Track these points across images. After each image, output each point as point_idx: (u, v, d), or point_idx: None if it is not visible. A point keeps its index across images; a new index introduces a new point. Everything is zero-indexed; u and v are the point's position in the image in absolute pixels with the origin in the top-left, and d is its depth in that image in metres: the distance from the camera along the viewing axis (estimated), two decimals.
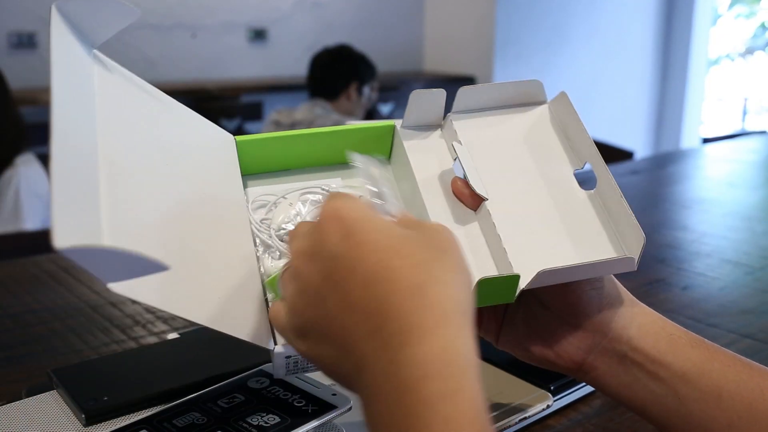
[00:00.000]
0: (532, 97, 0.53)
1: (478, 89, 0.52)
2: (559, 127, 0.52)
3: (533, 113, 0.53)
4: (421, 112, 0.52)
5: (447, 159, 0.51)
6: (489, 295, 0.44)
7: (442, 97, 0.51)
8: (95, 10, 0.41)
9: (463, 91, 0.52)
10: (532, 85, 0.53)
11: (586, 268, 0.44)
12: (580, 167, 0.50)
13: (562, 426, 0.56)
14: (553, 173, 0.50)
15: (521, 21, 3.72)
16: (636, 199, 1.36)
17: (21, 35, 3.00)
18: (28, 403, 0.51)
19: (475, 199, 0.49)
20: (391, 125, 0.52)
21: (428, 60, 4.06)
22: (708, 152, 1.94)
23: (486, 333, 0.50)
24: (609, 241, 0.47)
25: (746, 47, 5.38)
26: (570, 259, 0.45)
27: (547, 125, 0.53)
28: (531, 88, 0.53)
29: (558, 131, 0.52)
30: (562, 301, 0.46)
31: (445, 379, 0.31)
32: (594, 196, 0.49)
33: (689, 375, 0.43)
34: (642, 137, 4.47)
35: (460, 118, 0.52)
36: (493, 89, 0.52)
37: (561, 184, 0.50)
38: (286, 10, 3.62)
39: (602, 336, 0.46)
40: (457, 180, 0.50)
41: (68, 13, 0.40)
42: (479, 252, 0.47)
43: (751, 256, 0.99)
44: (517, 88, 0.53)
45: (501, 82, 0.52)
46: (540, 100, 0.54)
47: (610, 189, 0.48)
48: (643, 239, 0.45)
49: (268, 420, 0.44)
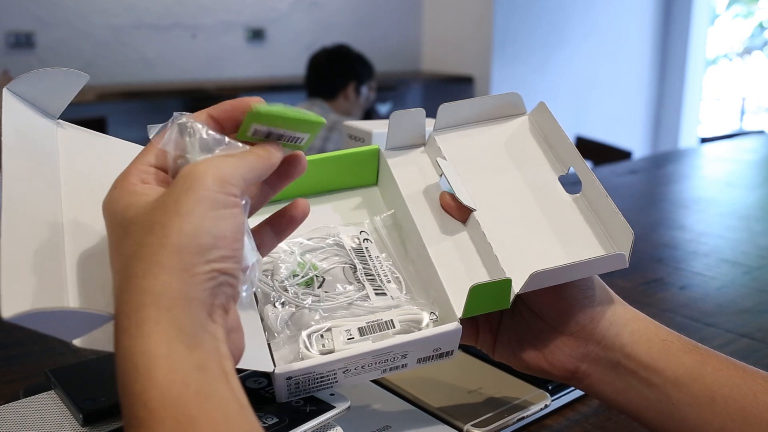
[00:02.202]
0: (512, 109, 0.54)
1: (458, 105, 0.53)
2: (540, 135, 0.53)
3: (513, 124, 0.54)
4: (404, 132, 0.53)
5: (433, 175, 0.52)
6: (484, 302, 0.44)
7: (422, 116, 0.52)
8: (46, 84, 0.42)
9: (443, 108, 0.53)
10: (511, 98, 0.54)
11: (579, 267, 0.44)
12: (564, 173, 0.51)
13: (559, 425, 0.56)
14: (537, 180, 0.51)
15: (519, 21, 3.72)
16: (634, 198, 1.36)
17: (19, 35, 2.99)
18: (26, 404, 0.51)
19: (463, 211, 0.49)
20: (375, 149, 0.53)
21: (426, 60, 4.06)
22: (706, 152, 1.94)
23: (482, 345, 0.50)
24: (598, 241, 0.47)
25: (744, 47, 5.38)
26: (561, 261, 0.45)
27: (527, 135, 0.54)
28: (510, 100, 0.54)
29: (539, 140, 0.53)
30: (554, 310, 0.47)
31: (131, 383, 0.31)
32: (579, 199, 0.50)
33: (682, 380, 0.43)
34: (640, 137, 4.48)
35: (443, 134, 0.53)
36: (472, 104, 0.53)
37: (546, 189, 0.51)
38: (284, 10, 3.62)
39: (595, 344, 0.46)
40: (445, 194, 0.50)
41: (21, 93, 0.41)
42: (471, 261, 0.48)
43: (748, 256, 0.99)
44: (496, 101, 0.54)
45: (480, 97, 0.53)
46: (520, 112, 0.55)
47: (595, 190, 0.48)
48: (631, 235, 0.45)
49: (267, 420, 0.44)
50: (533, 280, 0.43)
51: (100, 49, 3.20)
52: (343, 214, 0.53)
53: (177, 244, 0.33)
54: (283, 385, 0.43)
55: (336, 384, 0.45)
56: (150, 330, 0.32)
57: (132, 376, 0.31)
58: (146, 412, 0.30)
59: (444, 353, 0.46)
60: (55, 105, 0.43)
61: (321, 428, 0.45)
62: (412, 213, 0.50)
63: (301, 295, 0.46)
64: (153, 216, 0.34)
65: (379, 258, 0.49)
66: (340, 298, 0.46)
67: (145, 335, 0.31)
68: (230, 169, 0.35)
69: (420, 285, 0.49)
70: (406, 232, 0.51)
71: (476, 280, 0.46)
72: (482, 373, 0.60)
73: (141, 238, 0.34)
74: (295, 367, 0.42)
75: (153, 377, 0.31)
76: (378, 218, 0.52)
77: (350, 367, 0.44)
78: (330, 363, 0.43)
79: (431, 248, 0.48)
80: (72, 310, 0.31)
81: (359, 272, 0.47)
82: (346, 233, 0.50)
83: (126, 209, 0.35)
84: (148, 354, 0.31)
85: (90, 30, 3.17)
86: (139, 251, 0.33)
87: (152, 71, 3.33)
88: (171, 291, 0.32)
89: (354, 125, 0.68)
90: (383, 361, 0.44)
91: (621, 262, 0.45)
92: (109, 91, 3.05)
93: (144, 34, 3.28)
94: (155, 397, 0.30)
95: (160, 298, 0.32)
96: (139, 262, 0.33)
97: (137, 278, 0.33)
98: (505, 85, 3.71)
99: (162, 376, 0.31)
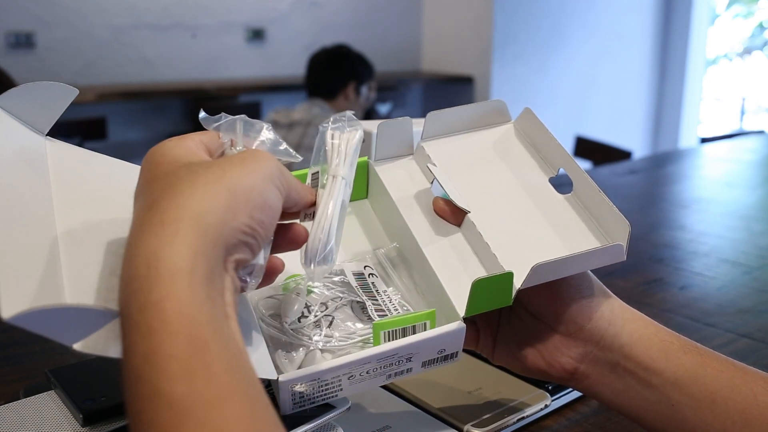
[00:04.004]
0: (497, 117, 0.55)
1: (444, 113, 0.53)
2: (527, 141, 0.54)
3: (498, 131, 0.55)
4: (392, 142, 0.53)
5: (424, 182, 0.52)
6: (486, 299, 0.44)
7: (409, 125, 0.52)
8: (36, 98, 0.42)
9: (430, 116, 0.53)
10: (496, 105, 0.55)
11: (579, 259, 0.44)
12: (554, 174, 0.51)
13: (559, 425, 0.56)
14: (528, 182, 0.51)
15: (519, 21, 3.73)
16: (634, 198, 1.36)
17: (19, 35, 3.00)
18: (26, 404, 0.51)
19: (457, 214, 0.49)
20: (364, 161, 0.53)
21: (426, 60, 4.06)
22: (706, 152, 1.94)
23: (483, 349, 0.50)
24: (594, 237, 0.48)
25: (744, 47, 5.38)
26: (561, 254, 0.45)
27: (513, 140, 0.54)
28: (496, 107, 0.55)
29: (526, 145, 0.53)
30: (551, 310, 0.47)
31: (148, 290, 0.30)
32: (572, 198, 0.50)
33: (682, 381, 0.43)
34: (640, 137, 4.48)
35: (430, 142, 0.53)
36: (459, 111, 0.54)
37: (538, 190, 0.51)
38: (283, 10, 3.62)
39: (593, 344, 0.46)
40: (438, 200, 0.50)
41: (10, 107, 0.41)
42: (469, 262, 0.48)
43: (748, 256, 0.99)
44: (481, 108, 0.54)
45: (466, 105, 0.54)
46: (506, 119, 0.55)
47: (587, 187, 0.49)
48: (627, 227, 0.45)
49: None
50: (534, 273, 0.43)
51: (100, 49, 3.21)
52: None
53: (232, 186, 0.34)
54: (288, 397, 0.42)
55: (341, 392, 0.44)
56: (181, 243, 0.31)
57: (150, 283, 0.30)
58: (159, 322, 0.29)
59: (449, 355, 0.46)
60: (43, 120, 0.43)
61: (321, 428, 0.45)
62: (406, 220, 0.49)
63: (313, 337, 0.45)
64: (214, 162, 0.35)
65: (387, 292, 0.48)
66: (354, 337, 0.45)
67: (176, 246, 0.31)
68: (286, 171, 0.38)
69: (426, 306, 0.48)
70: (401, 240, 0.50)
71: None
72: (482, 374, 0.60)
73: (197, 170, 0.34)
74: (300, 373, 0.41)
75: (174, 289, 0.30)
76: (381, 251, 0.51)
77: (355, 373, 0.43)
78: (335, 368, 0.42)
79: (428, 252, 0.48)
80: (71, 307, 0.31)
81: (369, 309, 0.47)
82: (349, 269, 0.49)
83: (182, 156, 0.36)
84: (173, 265, 0.31)
85: (90, 30, 3.17)
86: (190, 178, 0.34)
87: (152, 71, 3.33)
88: (212, 218, 0.33)
89: None
90: (388, 365, 0.44)
91: (619, 253, 0.45)
92: (109, 91, 3.05)
93: (144, 34, 3.28)
94: (171, 309, 0.30)
95: (203, 217, 0.32)
96: (188, 185, 0.33)
97: (182, 196, 0.33)
98: (505, 85, 3.72)
99: (183, 290, 0.30)
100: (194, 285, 0.31)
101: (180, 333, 0.29)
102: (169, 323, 0.29)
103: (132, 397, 0.29)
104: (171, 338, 0.29)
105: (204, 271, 0.32)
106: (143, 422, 0.28)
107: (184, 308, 0.30)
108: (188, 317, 0.30)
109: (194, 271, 0.31)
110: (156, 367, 0.29)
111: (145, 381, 0.29)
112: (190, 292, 0.30)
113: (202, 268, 0.31)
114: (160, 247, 0.31)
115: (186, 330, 0.29)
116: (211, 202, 0.33)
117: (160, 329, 0.29)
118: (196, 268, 0.31)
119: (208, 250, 0.32)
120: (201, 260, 0.32)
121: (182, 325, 0.29)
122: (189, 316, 0.30)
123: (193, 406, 0.28)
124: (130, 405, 0.29)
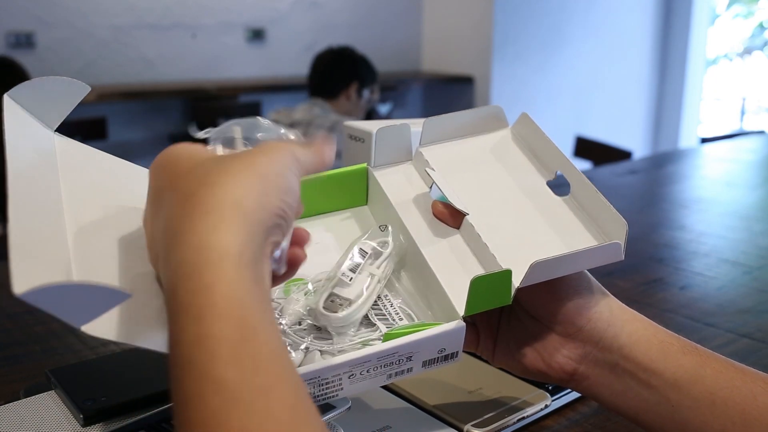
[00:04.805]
0: (494, 122, 0.55)
1: (442, 119, 0.54)
2: (524, 145, 0.54)
3: (496, 136, 0.55)
4: (390, 148, 0.53)
5: (422, 187, 0.52)
6: (485, 297, 0.44)
7: (407, 131, 0.53)
8: (47, 93, 0.42)
9: (428, 122, 0.53)
10: (493, 110, 0.55)
11: (577, 257, 0.44)
12: (552, 178, 0.52)
13: (560, 425, 0.56)
14: (526, 184, 0.52)
15: (519, 21, 3.73)
16: (634, 198, 1.36)
17: (19, 35, 3.00)
18: (26, 404, 0.51)
19: (456, 217, 0.50)
20: (363, 168, 0.53)
21: (426, 60, 4.07)
22: (706, 152, 1.94)
23: (483, 351, 0.50)
24: (592, 237, 0.48)
25: (744, 47, 5.38)
26: (559, 251, 0.45)
27: (511, 145, 0.54)
28: (493, 113, 0.55)
29: (523, 149, 0.54)
30: (551, 312, 0.47)
31: (199, 274, 0.31)
32: (569, 200, 0.50)
33: (681, 382, 0.43)
34: (640, 137, 4.48)
35: (429, 147, 0.54)
36: (456, 117, 0.54)
37: (536, 192, 0.51)
38: (284, 10, 3.62)
39: (592, 345, 0.46)
40: (437, 203, 0.50)
41: (22, 100, 0.42)
42: (467, 263, 0.48)
43: (748, 256, 0.99)
44: (478, 114, 0.55)
45: (463, 111, 0.54)
46: (502, 125, 0.56)
47: (584, 188, 0.49)
48: (625, 226, 0.46)
49: None
50: (533, 271, 0.43)
51: (101, 49, 3.21)
52: (335, 234, 0.53)
53: (262, 172, 0.35)
54: None
55: (341, 392, 0.44)
56: (227, 229, 0.32)
57: (201, 268, 0.31)
58: (210, 306, 0.30)
59: (449, 355, 0.46)
60: (53, 115, 0.43)
61: None
62: (405, 223, 0.50)
63: (314, 339, 0.46)
64: (239, 153, 0.36)
65: (388, 296, 0.48)
66: (355, 339, 0.46)
67: (223, 231, 0.32)
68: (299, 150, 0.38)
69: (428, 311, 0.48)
70: (405, 250, 0.51)
71: None
72: (482, 373, 0.60)
73: (225, 161, 0.35)
74: (301, 371, 0.42)
75: (224, 273, 0.31)
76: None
77: (355, 372, 0.43)
78: (335, 367, 0.42)
79: (427, 254, 0.48)
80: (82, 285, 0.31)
81: (370, 314, 0.47)
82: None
83: (201, 152, 0.37)
84: (223, 249, 0.31)
85: (90, 30, 3.17)
86: (222, 168, 0.35)
87: (152, 71, 3.34)
88: (250, 202, 0.33)
89: (354, 125, 0.68)
90: (388, 364, 0.44)
91: (617, 251, 0.45)
92: (110, 91, 3.05)
93: (144, 34, 3.29)
94: (222, 292, 0.30)
95: (241, 202, 0.33)
96: (222, 175, 0.34)
97: (218, 185, 0.34)
98: (505, 85, 3.72)
99: (232, 274, 0.31)
100: (242, 268, 0.32)
101: (231, 317, 0.30)
102: (219, 306, 0.30)
103: (179, 380, 0.30)
104: (221, 322, 0.30)
105: (250, 255, 0.32)
106: (190, 406, 0.29)
107: (234, 292, 0.31)
108: (238, 301, 0.30)
109: (242, 254, 0.32)
110: (206, 351, 0.29)
111: (194, 364, 0.29)
112: (239, 276, 0.31)
113: (249, 251, 0.32)
114: (207, 234, 0.32)
115: (236, 313, 0.30)
116: (246, 188, 0.34)
117: (211, 312, 0.30)
118: (244, 252, 0.32)
119: (252, 234, 0.33)
120: (247, 244, 0.33)
121: (233, 308, 0.30)
122: (239, 300, 0.31)
123: (242, 392, 0.28)
124: (177, 387, 0.30)
